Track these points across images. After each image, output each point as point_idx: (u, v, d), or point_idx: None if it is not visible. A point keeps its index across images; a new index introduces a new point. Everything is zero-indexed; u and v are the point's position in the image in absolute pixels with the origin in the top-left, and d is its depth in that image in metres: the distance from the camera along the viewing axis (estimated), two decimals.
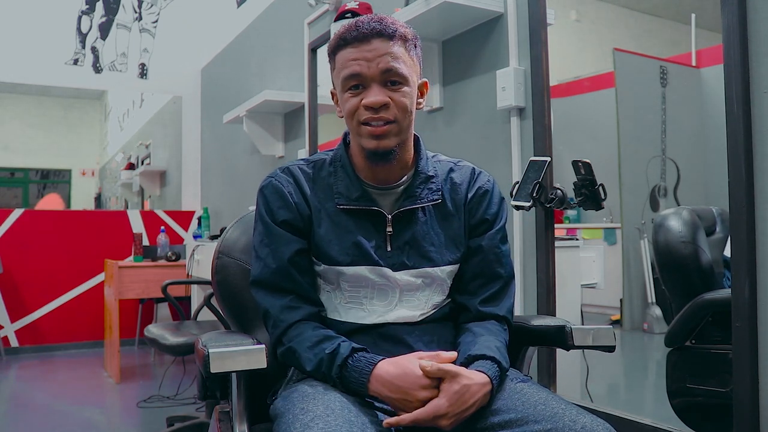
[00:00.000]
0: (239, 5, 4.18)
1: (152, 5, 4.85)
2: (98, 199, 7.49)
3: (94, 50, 4.66)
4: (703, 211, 1.93)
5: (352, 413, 0.92)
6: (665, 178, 2.53)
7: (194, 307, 3.95)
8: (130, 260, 3.89)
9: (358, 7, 2.34)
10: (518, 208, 1.70)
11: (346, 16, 2.32)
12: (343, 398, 0.96)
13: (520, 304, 1.86)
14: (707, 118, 2.42)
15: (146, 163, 6.04)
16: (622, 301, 2.59)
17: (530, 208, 1.69)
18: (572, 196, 1.66)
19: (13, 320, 4.37)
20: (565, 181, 1.70)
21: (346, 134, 1.17)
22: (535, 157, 1.75)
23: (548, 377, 1.75)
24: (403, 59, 1.06)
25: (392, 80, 1.05)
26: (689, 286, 1.79)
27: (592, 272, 2.17)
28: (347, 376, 0.99)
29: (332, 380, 1.00)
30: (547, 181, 1.70)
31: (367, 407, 0.99)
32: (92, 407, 3.18)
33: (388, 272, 1.09)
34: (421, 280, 1.12)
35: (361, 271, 1.09)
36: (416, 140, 1.16)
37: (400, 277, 1.10)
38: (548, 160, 1.68)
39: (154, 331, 2.56)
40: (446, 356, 1.01)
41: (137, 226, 4.69)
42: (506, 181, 1.84)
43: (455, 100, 2.15)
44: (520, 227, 1.88)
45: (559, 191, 1.69)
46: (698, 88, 2.59)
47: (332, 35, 1.12)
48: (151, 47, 4.84)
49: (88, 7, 4.65)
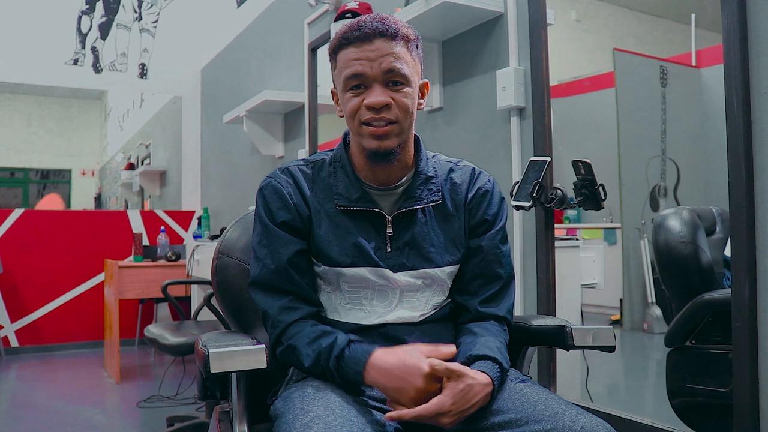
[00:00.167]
0: (239, 5, 4.18)
1: (152, 5, 4.85)
2: (98, 199, 7.49)
3: (94, 50, 4.66)
4: (703, 211, 1.93)
5: (352, 414, 0.92)
6: (665, 178, 2.53)
7: (194, 307, 3.96)
8: (130, 260, 3.89)
9: (358, 7, 2.34)
10: (518, 208, 1.70)
11: (346, 16, 2.32)
12: (343, 399, 0.96)
13: (520, 304, 1.86)
14: (707, 118, 2.42)
15: (146, 163, 6.05)
16: (622, 301, 2.59)
17: (530, 208, 1.69)
18: (572, 196, 1.66)
19: (13, 320, 4.38)
20: (565, 181, 1.70)
21: (346, 134, 1.17)
22: (535, 157, 1.75)
23: (548, 377, 1.75)
24: (405, 60, 1.06)
25: (394, 80, 1.05)
26: (689, 286, 1.79)
27: (592, 272, 2.17)
28: (344, 366, 0.99)
29: (330, 372, 1.00)
30: (547, 181, 1.70)
31: (367, 408, 0.99)
32: (92, 407, 3.18)
33: (388, 273, 1.09)
34: (421, 281, 1.12)
35: (361, 272, 1.09)
36: (416, 141, 1.16)
37: (400, 278, 1.10)
38: (548, 160, 1.69)
39: (154, 331, 2.57)
40: (446, 350, 1.00)
41: (137, 226, 4.69)
42: (506, 181, 1.84)
43: (455, 100, 2.15)
44: (520, 227, 1.88)
45: (559, 191, 1.69)
46: (698, 88, 2.59)
47: (332, 35, 1.12)
48: (151, 47, 4.84)
49: (88, 7, 4.65)
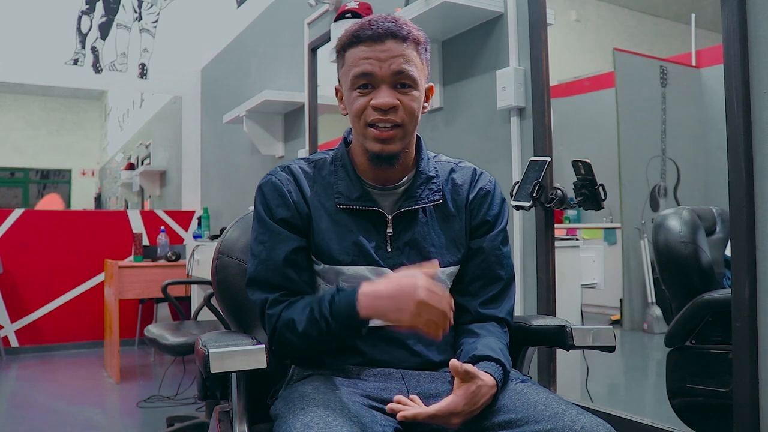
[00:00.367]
0: (239, 5, 4.18)
1: (152, 5, 4.85)
2: (98, 199, 7.48)
3: (94, 50, 4.66)
4: (703, 211, 1.93)
5: (352, 414, 0.92)
6: (665, 178, 2.53)
7: (194, 307, 3.96)
8: (130, 260, 3.89)
9: (357, 7, 2.34)
10: (518, 208, 1.70)
11: (346, 16, 2.32)
12: (343, 399, 0.96)
13: (520, 304, 1.86)
14: (707, 118, 2.42)
15: (146, 163, 6.04)
16: (622, 301, 2.59)
17: (530, 208, 1.69)
18: (572, 196, 1.66)
19: (13, 320, 4.38)
20: (565, 181, 1.70)
21: (347, 133, 1.16)
22: (535, 157, 1.75)
23: (548, 377, 1.74)
24: (414, 62, 1.05)
25: (402, 83, 1.04)
26: (689, 286, 1.79)
27: (592, 272, 2.17)
28: (336, 308, 0.99)
29: (324, 320, 0.99)
30: (547, 181, 1.70)
31: (367, 408, 0.98)
32: (92, 407, 3.18)
33: (388, 273, 1.08)
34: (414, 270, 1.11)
35: (361, 271, 1.08)
36: (418, 141, 1.15)
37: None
38: (548, 160, 1.69)
39: (154, 331, 2.57)
40: (428, 267, 1.00)
41: (137, 226, 4.69)
42: (506, 181, 1.84)
43: (455, 100, 2.14)
44: (520, 227, 1.88)
45: (559, 191, 1.69)
46: (698, 88, 2.59)
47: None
48: (151, 47, 4.84)
49: (88, 7, 4.66)
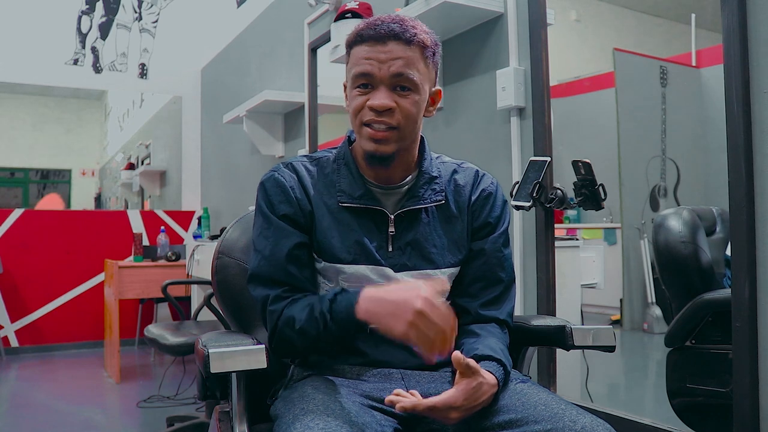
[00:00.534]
0: (239, 5, 4.18)
1: (152, 5, 4.85)
2: (98, 199, 7.48)
3: (94, 50, 4.66)
4: (703, 211, 1.93)
5: (352, 414, 0.92)
6: (665, 178, 2.53)
7: (194, 307, 3.96)
8: (130, 260, 3.89)
9: (358, 7, 2.34)
10: (518, 208, 1.70)
11: (346, 16, 2.32)
12: (343, 399, 0.96)
13: (520, 304, 1.86)
14: (707, 118, 2.42)
15: (146, 163, 6.04)
16: (622, 301, 2.59)
17: (530, 208, 1.69)
18: (572, 196, 1.66)
19: (13, 320, 4.38)
20: (565, 181, 1.70)
21: (350, 132, 1.16)
22: (535, 157, 1.75)
23: (548, 377, 1.74)
24: (417, 66, 1.03)
25: (401, 85, 1.03)
26: (689, 286, 1.79)
27: (592, 272, 2.17)
28: (336, 307, 0.98)
29: (323, 318, 0.99)
30: (547, 181, 1.70)
31: (367, 408, 0.99)
32: (92, 407, 3.18)
33: (389, 272, 1.09)
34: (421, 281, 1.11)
35: (362, 270, 1.08)
36: (421, 141, 1.15)
37: (400, 278, 1.09)
38: (548, 160, 1.69)
39: (154, 331, 2.57)
40: (437, 282, 0.99)
41: (137, 226, 4.69)
42: (506, 181, 1.84)
43: (455, 100, 2.14)
44: (520, 227, 1.88)
45: (559, 191, 1.69)
46: (698, 88, 2.59)
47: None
48: (151, 47, 4.84)
49: (88, 7, 4.66)
